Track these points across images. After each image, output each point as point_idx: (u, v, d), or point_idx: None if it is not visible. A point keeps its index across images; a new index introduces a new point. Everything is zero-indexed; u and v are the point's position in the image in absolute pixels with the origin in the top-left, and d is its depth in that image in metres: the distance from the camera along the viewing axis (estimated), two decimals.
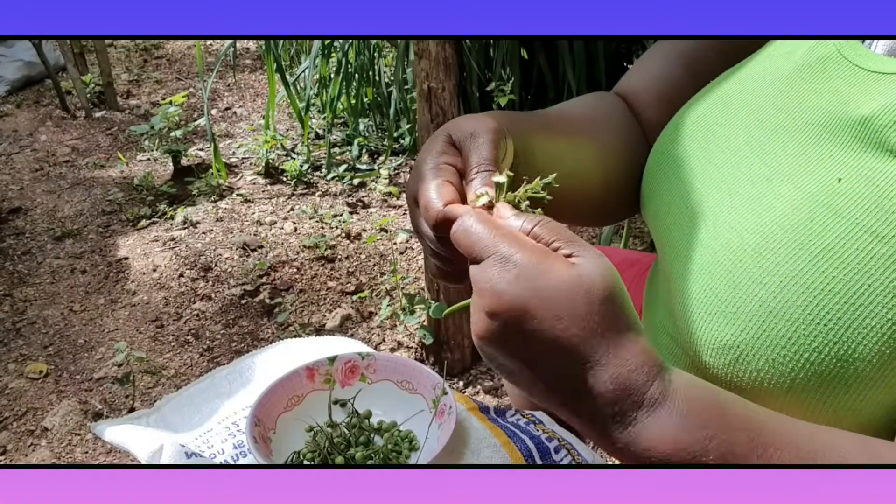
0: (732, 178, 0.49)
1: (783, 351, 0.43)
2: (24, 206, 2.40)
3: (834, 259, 0.42)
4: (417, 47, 1.34)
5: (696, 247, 0.49)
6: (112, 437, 0.80)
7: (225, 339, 1.75)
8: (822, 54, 0.48)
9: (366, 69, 2.58)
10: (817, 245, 0.42)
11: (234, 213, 2.29)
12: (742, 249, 0.45)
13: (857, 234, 0.41)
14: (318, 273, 1.97)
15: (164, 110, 2.57)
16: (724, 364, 0.46)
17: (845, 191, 0.42)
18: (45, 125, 2.99)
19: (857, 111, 0.44)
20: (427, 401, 0.80)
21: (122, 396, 1.58)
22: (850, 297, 0.41)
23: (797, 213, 0.44)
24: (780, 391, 0.44)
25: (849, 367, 0.41)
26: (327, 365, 0.84)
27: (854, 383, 0.42)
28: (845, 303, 0.41)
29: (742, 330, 0.44)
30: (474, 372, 1.58)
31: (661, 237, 0.56)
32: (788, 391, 0.44)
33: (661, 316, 0.57)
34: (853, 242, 0.41)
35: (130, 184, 2.50)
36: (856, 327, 0.41)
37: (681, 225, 0.52)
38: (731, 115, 0.52)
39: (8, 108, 3.13)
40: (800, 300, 0.42)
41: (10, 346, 1.75)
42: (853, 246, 0.41)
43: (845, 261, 0.41)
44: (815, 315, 0.42)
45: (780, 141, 0.48)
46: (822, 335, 0.42)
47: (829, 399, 0.43)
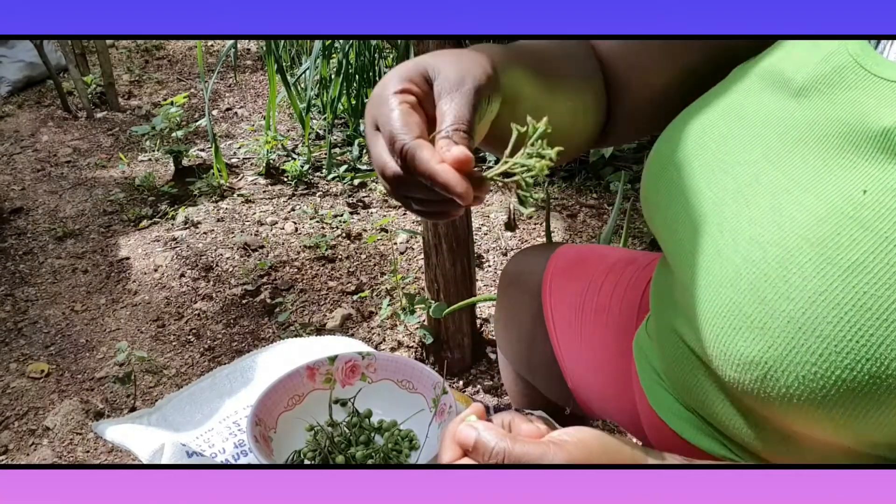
0: (750, 190, 0.48)
1: (814, 368, 0.42)
2: (26, 206, 2.40)
3: (864, 274, 0.41)
4: (417, 48, 1.34)
5: (714, 259, 0.48)
6: (113, 437, 0.80)
7: (226, 338, 1.75)
8: (837, 64, 0.47)
9: (366, 70, 2.59)
10: (846, 259, 0.41)
11: (235, 213, 2.29)
12: (766, 262, 0.44)
13: (886, 247, 0.40)
14: (319, 273, 1.97)
15: (166, 111, 2.57)
16: (751, 380, 0.45)
17: (871, 203, 0.42)
18: (47, 126, 3.00)
19: (879, 122, 0.43)
20: (427, 400, 0.80)
21: (123, 396, 1.58)
22: (883, 312, 0.40)
23: (822, 225, 0.43)
24: (810, 407, 0.43)
25: (882, 383, 0.41)
26: (328, 364, 0.84)
27: (887, 399, 0.41)
28: (877, 318, 0.40)
29: (770, 346, 0.44)
30: (474, 371, 1.58)
31: (672, 247, 0.55)
32: (819, 407, 0.43)
33: (679, 324, 0.56)
34: (883, 256, 0.40)
35: (132, 184, 2.51)
36: (889, 343, 0.40)
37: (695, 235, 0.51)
38: (747, 127, 0.51)
39: (9, 109, 3.14)
40: (830, 316, 0.41)
41: (12, 346, 1.76)
42: (883, 260, 0.40)
43: (876, 275, 0.40)
44: (846, 332, 0.41)
45: (800, 153, 0.47)
46: (855, 352, 0.41)
47: (861, 415, 0.43)
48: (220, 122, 2.99)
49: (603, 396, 0.83)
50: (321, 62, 2.57)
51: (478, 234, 2.10)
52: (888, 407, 0.42)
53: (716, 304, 0.47)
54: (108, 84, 3.09)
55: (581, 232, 2.13)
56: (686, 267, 0.51)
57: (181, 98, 2.70)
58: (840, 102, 0.46)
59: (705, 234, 0.50)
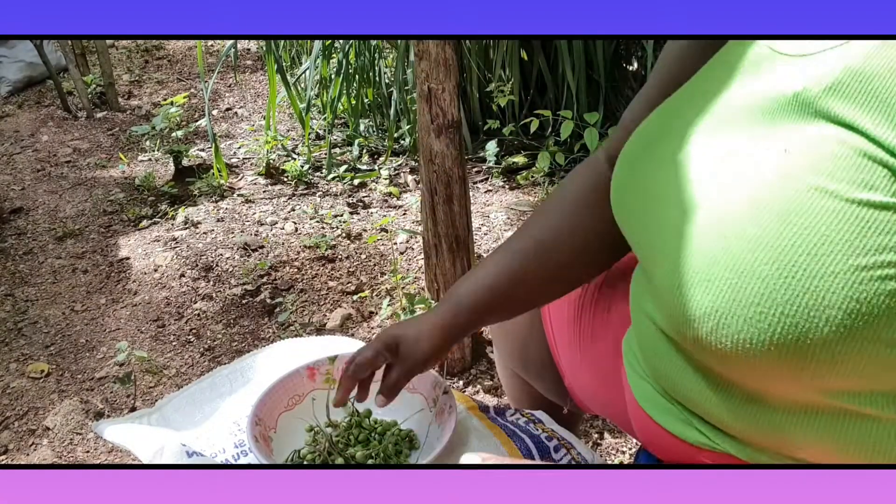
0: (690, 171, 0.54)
1: (758, 308, 0.46)
2: (26, 206, 2.40)
3: (792, 217, 0.45)
4: (417, 48, 1.34)
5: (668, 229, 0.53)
6: (113, 437, 0.80)
7: (226, 338, 1.75)
8: (757, 54, 0.54)
9: (366, 70, 2.59)
10: (776, 207, 0.46)
11: (235, 213, 2.29)
12: (707, 222, 0.50)
13: (809, 193, 0.45)
14: (319, 273, 1.97)
15: (166, 111, 2.58)
16: (706, 332, 0.49)
17: (793, 157, 0.47)
18: (47, 126, 3.00)
19: (791, 89, 0.49)
20: (427, 400, 0.80)
21: (123, 396, 1.58)
22: (812, 247, 0.44)
23: (755, 182, 0.48)
24: (762, 351, 0.47)
25: (821, 314, 0.44)
26: (328, 364, 0.84)
27: (831, 335, 0.45)
28: (808, 253, 0.44)
29: (717, 295, 0.48)
30: (474, 371, 1.58)
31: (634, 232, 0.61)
32: (769, 351, 0.47)
33: (646, 303, 0.61)
34: (807, 200, 0.45)
35: (132, 184, 2.51)
36: (821, 275, 0.44)
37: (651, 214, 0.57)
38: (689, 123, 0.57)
39: (9, 109, 3.14)
40: (766, 257, 0.46)
41: (12, 346, 1.76)
42: (807, 203, 0.45)
43: (802, 217, 0.45)
44: (782, 269, 0.45)
45: (732, 132, 0.53)
46: (792, 286, 0.45)
47: (809, 355, 0.46)
48: (220, 122, 2.99)
49: (598, 395, 0.83)
50: (321, 62, 2.57)
51: (478, 234, 2.10)
52: (834, 345, 0.45)
53: (667, 268, 0.52)
54: (108, 84, 3.09)
55: None
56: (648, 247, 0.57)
57: (181, 98, 2.70)
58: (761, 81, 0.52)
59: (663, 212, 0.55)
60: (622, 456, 1.37)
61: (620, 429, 0.80)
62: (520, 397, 1.04)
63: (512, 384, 1.04)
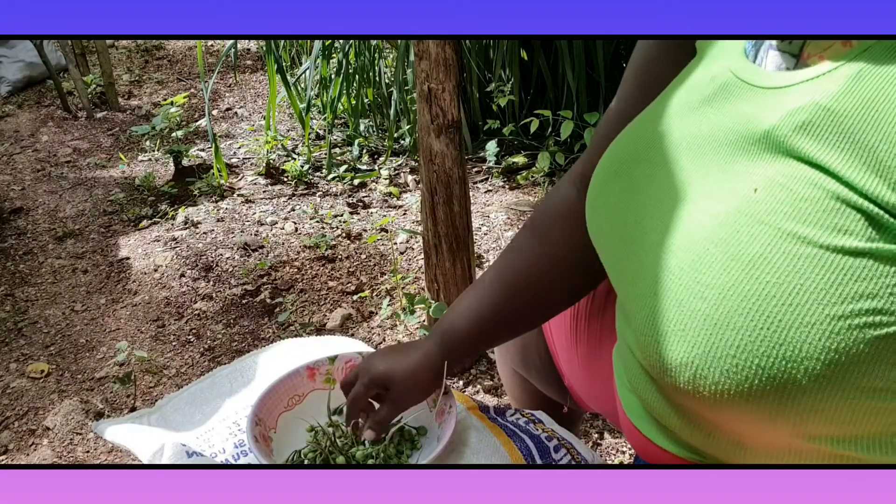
0: (661, 205, 0.52)
1: (734, 361, 0.45)
2: (26, 206, 2.40)
3: (765, 265, 0.44)
4: (417, 48, 1.34)
5: (639, 271, 0.52)
6: (113, 437, 0.80)
7: (226, 338, 1.75)
8: (722, 82, 0.52)
9: (366, 70, 2.59)
10: (747, 255, 0.45)
11: (235, 213, 2.29)
12: (679, 268, 0.48)
13: (781, 239, 0.44)
14: (319, 273, 1.97)
15: (166, 111, 2.58)
16: (685, 382, 0.48)
17: (764, 199, 0.45)
18: (47, 126, 3.00)
19: (760, 126, 0.47)
20: (427, 400, 0.80)
21: (123, 396, 1.58)
22: (787, 298, 0.43)
23: (724, 227, 0.46)
24: (741, 400, 0.46)
25: (799, 366, 0.43)
26: (328, 364, 0.84)
27: (808, 384, 0.43)
28: (783, 304, 0.43)
29: (693, 346, 0.46)
30: (474, 371, 1.58)
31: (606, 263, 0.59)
32: (749, 400, 0.45)
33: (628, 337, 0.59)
34: (779, 247, 0.44)
35: (132, 184, 2.51)
36: (797, 326, 0.43)
37: (620, 249, 0.55)
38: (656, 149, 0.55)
39: (9, 109, 3.14)
40: (740, 308, 0.44)
41: (12, 346, 1.76)
42: (780, 250, 0.44)
43: (775, 265, 0.43)
44: (756, 321, 0.44)
45: (701, 165, 0.51)
46: (768, 338, 0.43)
47: (788, 402, 0.45)
48: (220, 122, 2.99)
49: (596, 396, 0.83)
50: (321, 62, 2.57)
51: (478, 234, 2.10)
52: (813, 392, 0.44)
53: (643, 315, 0.50)
54: (108, 84, 3.09)
55: None
56: (619, 283, 0.56)
57: (181, 98, 2.70)
58: (728, 114, 0.50)
59: (631, 249, 0.54)
60: (622, 456, 1.37)
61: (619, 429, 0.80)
62: (520, 396, 1.04)
63: (513, 382, 1.04)
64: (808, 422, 0.45)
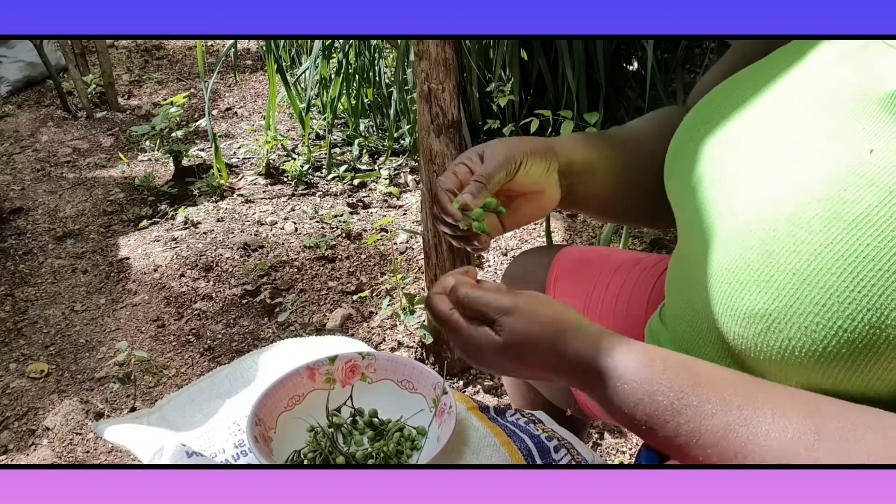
0: (768, 151, 0.50)
1: (816, 318, 0.43)
2: (26, 206, 2.40)
3: (868, 227, 0.42)
4: (417, 48, 1.34)
5: (728, 217, 0.50)
6: (113, 437, 0.80)
7: (226, 338, 1.75)
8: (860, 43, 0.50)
9: (366, 70, 2.59)
10: (851, 214, 0.43)
11: (235, 213, 2.29)
12: (776, 219, 0.46)
13: (890, 201, 0.42)
14: (319, 273, 1.97)
15: (165, 111, 2.57)
16: (754, 333, 0.47)
17: (878, 161, 0.44)
18: (47, 125, 3.00)
19: (888, 86, 0.45)
20: (427, 400, 0.80)
21: (123, 396, 1.58)
22: (885, 263, 0.42)
23: (831, 184, 0.45)
24: (809, 361, 0.44)
25: (881, 333, 0.42)
26: (328, 364, 0.84)
27: (886, 351, 0.42)
28: (879, 269, 0.42)
29: (775, 298, 0.45)
30: (474, 371, 1.58)
31: (686, 210, 0.57)
32: (818, 361, 0.44)
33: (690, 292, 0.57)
34: (886, 210, 0.42)
35: (131, 184, 2.51)
36: (889, 294, 0.41)
37: (710, 195, 0.53)
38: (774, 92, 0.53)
39: (9, 109, 3.14)
40: (834, 268, 0.43)
41: (12, 346, 1.76)
42: (887, 213, 0.42)
43: (879, 228, 0.42)
44: (848, 282, 0.42)
45: (819, 116, 0.49)
46: (856, 302, 0.42)
47: (858, 368, 0.43)
48: (220, 122, 2.99)
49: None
50: (321, 62, 2.57)
51: None
52: (886, 360, 0.43)
53: (725, 261, 0.49)
54: (107, 84, 3.09)
55: (581, 232, 2.13)
56: (701, 230, 0.54)
57: (181, 98, 2.70)
58: (860, 70, 0.48)
59: (722, 194, 0.52)
60: (622, 456, 1.37)
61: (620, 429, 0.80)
62: (521, 398, 1.04)
63: (515, 386, 1.04)
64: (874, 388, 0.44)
